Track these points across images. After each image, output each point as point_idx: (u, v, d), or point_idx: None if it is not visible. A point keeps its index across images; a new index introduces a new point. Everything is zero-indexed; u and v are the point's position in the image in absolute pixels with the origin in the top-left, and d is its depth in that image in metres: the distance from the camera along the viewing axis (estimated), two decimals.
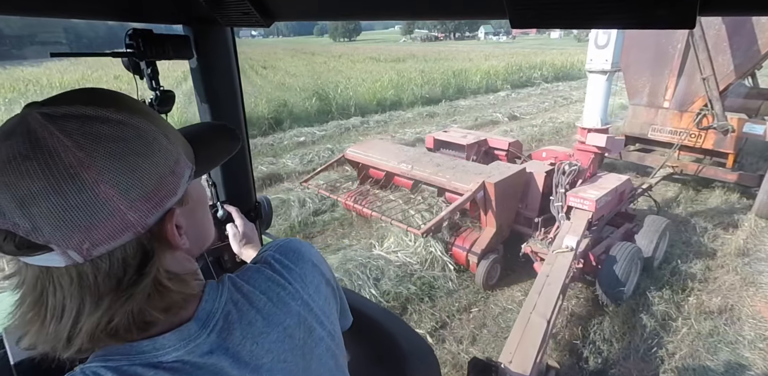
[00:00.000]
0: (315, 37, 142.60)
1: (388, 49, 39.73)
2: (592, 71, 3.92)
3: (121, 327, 0.52)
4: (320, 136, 9.82)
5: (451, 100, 14.51)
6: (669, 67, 5.70)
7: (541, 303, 2.75)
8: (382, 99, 13.32)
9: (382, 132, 10.40)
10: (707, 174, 5.80)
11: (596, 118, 4.02)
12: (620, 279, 3.49)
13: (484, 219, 3.89)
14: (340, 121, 11.20)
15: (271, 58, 30.46)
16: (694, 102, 5.61)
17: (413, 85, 15.01)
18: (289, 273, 0.71)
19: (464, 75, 17.33)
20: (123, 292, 0.51)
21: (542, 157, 4.53)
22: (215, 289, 0.64)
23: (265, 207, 1.50)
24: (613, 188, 3.88)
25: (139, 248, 0.52)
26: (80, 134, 0.47)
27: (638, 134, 6.25)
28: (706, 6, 0.50)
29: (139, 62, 1.08)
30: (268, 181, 6.85)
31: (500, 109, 12.96)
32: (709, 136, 5.60)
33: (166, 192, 0.52)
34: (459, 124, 10.72)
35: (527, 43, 58.41)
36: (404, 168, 4.20)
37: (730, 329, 3.43)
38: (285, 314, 0.66)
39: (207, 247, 0.70)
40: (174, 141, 0.56)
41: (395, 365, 1.11)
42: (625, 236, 4.14)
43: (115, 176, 0.47)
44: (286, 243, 0.77)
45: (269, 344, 0.63)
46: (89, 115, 0.48)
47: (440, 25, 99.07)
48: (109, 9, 1.02)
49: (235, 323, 0.61)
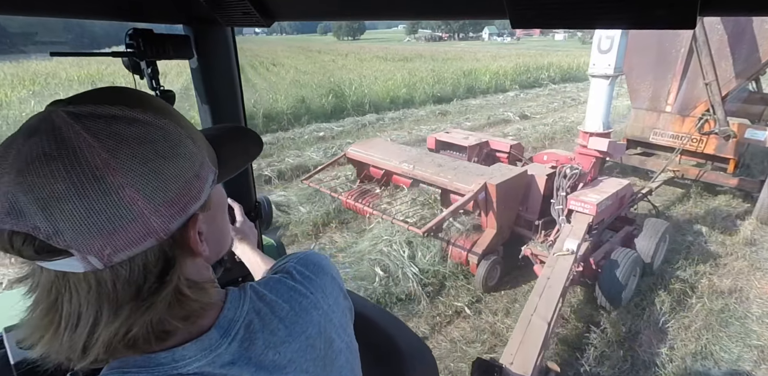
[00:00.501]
0: (318, 36, 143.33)
1: (395, 49, 40.01)
2: (594, 76, 3.92)
3: (140, 337, 0.50)
4: (338, 131, 10.17)
5: (462, 99, 14.83)
6: (672, 72, 5.70)
7: (542, 305, 2.75)
8: (395, 97, 13.67)
9: (398, 128, 10.73)
10: (708, 179, 5.79)
11: (598, 123, 4.02)
12: (620, 284, 3.49)
13: (485, 220, 3.89)
14: (356, 117, 11.57)
15: (278, 56, 30.92)
16: (696, 107, 5.61)
17: (424, 84, 15.34)
18: (310, 283, 0.71)
19: (474, 75, 17.74)
20: (143, 300, 0.49)
21: (543, 160, 4.53)
22: (237, 297, 0.63)
23: (265, 207, 1.49)
24: (614, 192, 3.89)
25: (160, 254, 0.50)
26: (106, 135, 0.45)
27: (640, 138, 6.25)
28: (706, 6, 0.49)
29: (139, 62, 1.08)
30: (297, 172, 7.08)
31: (511, 108, 13.27)
32: (711, 141, 5.59)
33: (190, 197, 0.51)
34: (472, 122, 11.16)
35: (531, 45, 58.63)
36: (406, 168, 4.21)
37: (740, 307, 3.79)
38: (307, 323, 0.66)
39: (224, 253, 0.69)
40: (199, 144, 0.54)
41: (393, 365, 1.11)
42: (625, 240, 4.13)
43: (140, 180, 0.46)
44: (306, 256, 0.76)
45: (291, 353, 0.62)
46: (116, 115, 0.47)
47: (444, 25, 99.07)
48: (109, 9, 1.02)
49: (257, 333, 0.60)
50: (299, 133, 9.86)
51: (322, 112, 11.76)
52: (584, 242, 3.49)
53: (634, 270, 3.67)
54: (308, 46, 46.11)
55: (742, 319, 3.63)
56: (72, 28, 40.64)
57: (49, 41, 44.47)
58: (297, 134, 9.72)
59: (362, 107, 12.52)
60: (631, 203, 4.39)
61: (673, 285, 3.98)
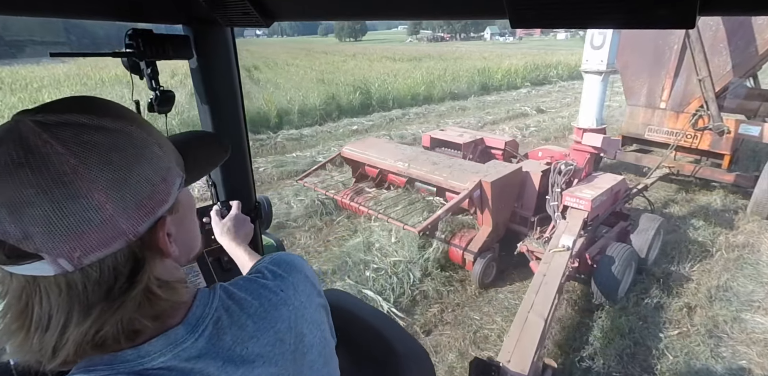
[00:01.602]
0: (319, 37, 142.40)
1: (401, 49, 40.26)
2: (587, 72, 3.94)
3: (109, 337, 0.52)
4: (369, 125, 11.00)
5: (477, 96, 15.61)
6: (666, 68, 5.73)
7: (539, 302, 2.76)
8: (415, 94, 14.42)
9: (424, 122, 11.57)
10: (703, 175, 5.83)
11: (592, 119, 4.04)
12: (616, 279, 3.52)
13: (481, 218, 3.90)
14: (382, 112, 12.43)
15: (288, 57, 31.16)
16: (690, 103, 5.64)
17: (442, 81, 16.10)
18: (282, 281, 0.72)
19: (487, 73, 18.39)
20: (113, 301, 0.50)
21: (538, 156, 4.55)
22: (207, 296, 0.64)
23: (264, 207, 1.49)
24: (609, 187, 3.91)
25: (130, 255, 0.51)
26: (74, 142, 0.47)
27: (635, 135, 6.29)
28: (706, 6, 0.50)
29: (138, 62, 1.08)
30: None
31: (526, 103, 13.99)
32: (705, 137, 5.63)
33: (158, 200, 0.53)
34: (493, 116, 12.07)
35: (533, 44, 58.90)
36: (401, 167, 4.21)
37: (752, 256, 4.55)
38: (275, 319, 0.67)
39: (195, 255, 0.70)
40: (166, 150, 0.57)
41: (390, 368, 1.11)
42: (620, 235, 4.16)
43: (109, 184, 0.47)
44: (279, 256, 0.79)
45: (260, 347, 0.63)
46: (84, 123, 0.49)
47: (446, 25, 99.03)
48: (109, 9, 1.01)
49: (225, 328, 0.61)
50: (334, 127, 10.68)
51: (350, 108, 12.49)
52: (579, 238, 3.51)
53: (630, 265, 3.69)
54: (312, 48, 45.98)
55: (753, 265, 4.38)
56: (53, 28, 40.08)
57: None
58: (332, 128, 10.55)
59: (386, 103, 13.33)
60: (626, 198, 4.42)
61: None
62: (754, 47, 5.05)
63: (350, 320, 1.11)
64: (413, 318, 3.60)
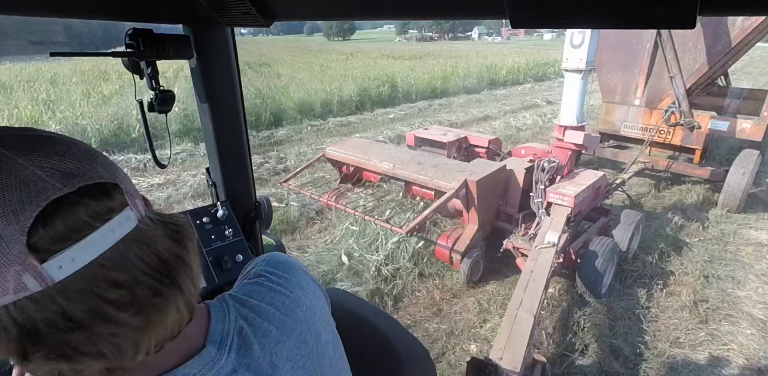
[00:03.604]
0: (306, 36, 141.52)
1: (397, 48, 41.49)
2: (567, 70, 4.03)
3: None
4: (402, 114, 12.42)
5: (488, 90, 17.16)
6: (639, 66, 5.89)
7: (527, 299, 2.80)
8: (434, 88, 16.11)
9: (449, 112, 12.97)
10: (677, 169, 6.02)
11: (573, 116, 4.13)
12: (599, 273, 3.61)
13: (467, 217, 3.93)
14: (409, 104, 13.95)
15: (286, 55, 31.86)
16: (662, 99, 5.82)
17: (455, 77, 17.91)
18: (286, 283, 0.72)
19: (494, 69, 20.35)
20: None
21: (521, 154, 4.62)
22: (220, 308, 0.64)
23: (264, 207, 1.50)
24: (590, 183, 3.99)
25: None
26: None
27: (611, 131, 6.45)
28: (706, 6, 0.51)
29: (138, 62, 1.08)
30: (400, 140, 8.91)
31: (535, 96, 15.58)
32: (677, 133, 5.81)
33: None
34: (510, 107, 13.58)
35: (522, 44, 60.21)
36: (386, 167, 4.22)
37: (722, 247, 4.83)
38: (295, 322, 0.67)
39: None
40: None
41: (390, 367, 1.10)
42: (602, 230, 4.26)
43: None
44: (272, 257, 0.78)
45: (287, 351, 0.64)
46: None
47: (435, 25, 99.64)
48: (109, 9, 1.01)
49: (251, 338, 0.62)
50: (372, 115, 12.21)
51: (379, 99, 14.08)
52: (564, 234, 3.59)
53: (612, 258, 3.79)
54: (306, 47, 46.26)
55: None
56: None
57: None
58: (372, 116, 12.09)
59: (410, 96, 14.94)
60: (606, 194, 4.53)
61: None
62: (723, 46, 5.24)
63: (350, 319, 1.11)
64: None
